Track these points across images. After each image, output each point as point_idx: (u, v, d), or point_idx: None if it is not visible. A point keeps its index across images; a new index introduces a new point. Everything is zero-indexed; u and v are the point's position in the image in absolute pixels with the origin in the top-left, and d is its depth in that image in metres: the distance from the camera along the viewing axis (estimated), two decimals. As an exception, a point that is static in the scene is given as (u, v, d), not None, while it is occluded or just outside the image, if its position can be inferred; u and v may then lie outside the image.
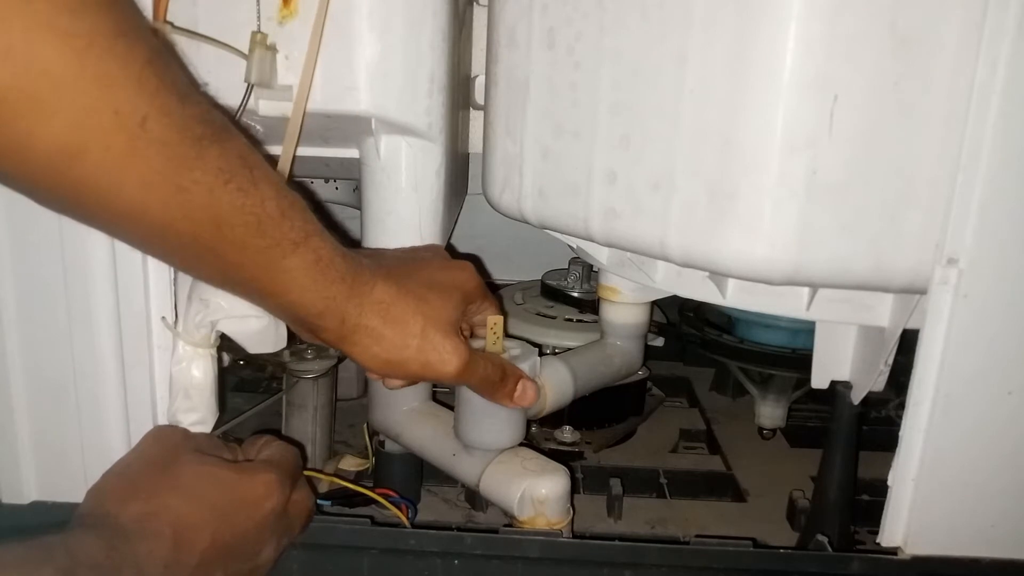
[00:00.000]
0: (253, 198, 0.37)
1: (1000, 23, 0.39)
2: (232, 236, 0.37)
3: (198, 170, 0.35)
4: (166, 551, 0.39)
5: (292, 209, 0.40)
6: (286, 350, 0.64)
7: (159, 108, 0.33)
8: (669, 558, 0.48)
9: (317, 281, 0.41)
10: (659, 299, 0.65)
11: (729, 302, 0.51)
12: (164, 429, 0.48)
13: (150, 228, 0.36)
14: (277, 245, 0.39)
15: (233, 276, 0.40)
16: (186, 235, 0.36)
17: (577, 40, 0.49)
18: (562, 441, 0.70)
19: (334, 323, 0.43)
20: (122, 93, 0.32)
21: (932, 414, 0.45)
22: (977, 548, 0.48)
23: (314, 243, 0.41)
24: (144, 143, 0.33)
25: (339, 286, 0.42)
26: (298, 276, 0.40)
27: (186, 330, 0.48)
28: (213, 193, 0.36)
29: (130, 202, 0.34)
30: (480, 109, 0.63)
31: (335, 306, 0.42)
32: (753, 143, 0.43)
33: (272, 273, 0.40)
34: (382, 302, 0.44)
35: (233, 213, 0.37)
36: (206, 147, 0.35)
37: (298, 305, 0.42)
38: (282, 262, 0.40)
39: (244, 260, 0.39)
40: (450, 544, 0.49)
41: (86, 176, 0.33)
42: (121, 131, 0.32)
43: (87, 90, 0.31)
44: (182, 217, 0.36)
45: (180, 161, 0.34)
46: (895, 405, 0.76)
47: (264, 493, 0.44)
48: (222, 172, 0.36)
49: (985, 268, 0.43)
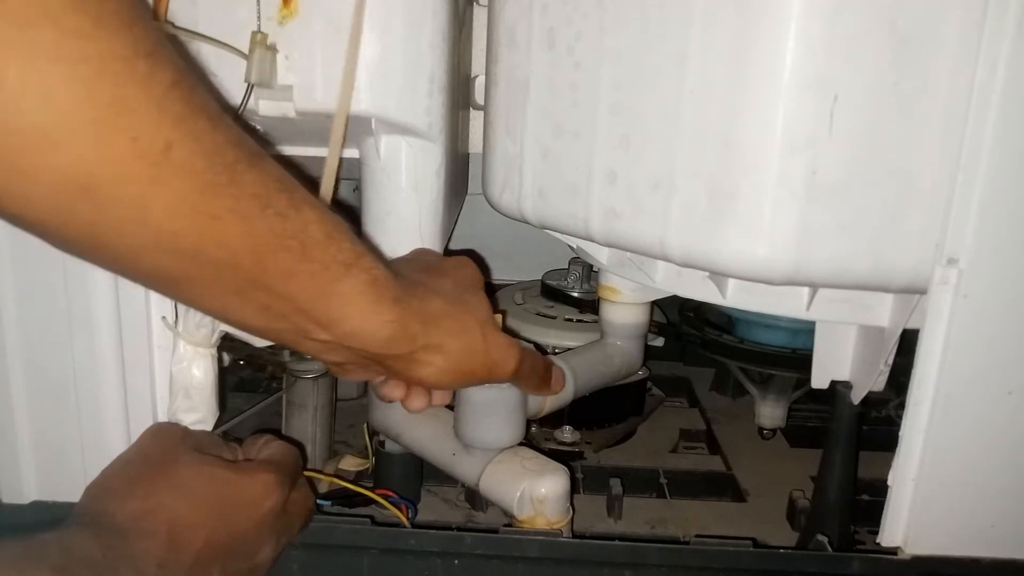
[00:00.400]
0: (295, 223, 0.34)
1: (1000, 23, 0.39)
2: (275, 265, 0.34)
3: (231, 197, 0.32)
4: (161, 550, 0.39)
5: (338, 231, 0.37)
6: (286, 350, 0.64)
7: (186, 133, 0.30)
8: (669, 558, 0.48)
9: (375, 304, 0.38)
10: (659, 299, 0.65)
11: (729, 302, 0.51)
12: (163, 426, 0.48)
13: (181, 263, 0.33)
14: (327, 269, 0.36)
15: (281, 312, 0.36)
16: (224, 266, 0.33)
17: (577, 40, 0.49)
18: (562, 441, 0.70)
19: (404, 347, 0.40)
20: (142, 119, 0.29)
21: (932, 414, 0.45)
22: (977, 548, 0.48)
23: (366, 263, 0.38)
24: (168, 171, 0.30)
25: (399, 308, 0.39)
26: (356, 300, 0.38)
27: (186, 330, 0.48)
28: (249, 220, 0.33)
29: (156, 234, 0.31)
30: (480, 109, 0.63)
31: (401, 329, 0.39)
32: (753, 143, 0.43)
33: (325, 300, 0.37)
34: (440, 316, 0.42)
35: (274, 240, 0.34)
36: (241, 173, 0.32)
37: (360, 335, 0.39)
38: (335, 286, 0.37)
39: (293, 289, 0.36)
40: (450, 544, 0.49)
41: (102, 210, 0.30)
42: (140, 159, 0.29)
43: (98, 119, 0.28)
44: (216, 246, 0.32)
45: (212, 189, 0.31)
46: (895, 405, 0.76)
47: (263, 492, 0.43)
48: (258, 198, 0.33)
49: (985, 268, 0.43)
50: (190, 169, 0.31)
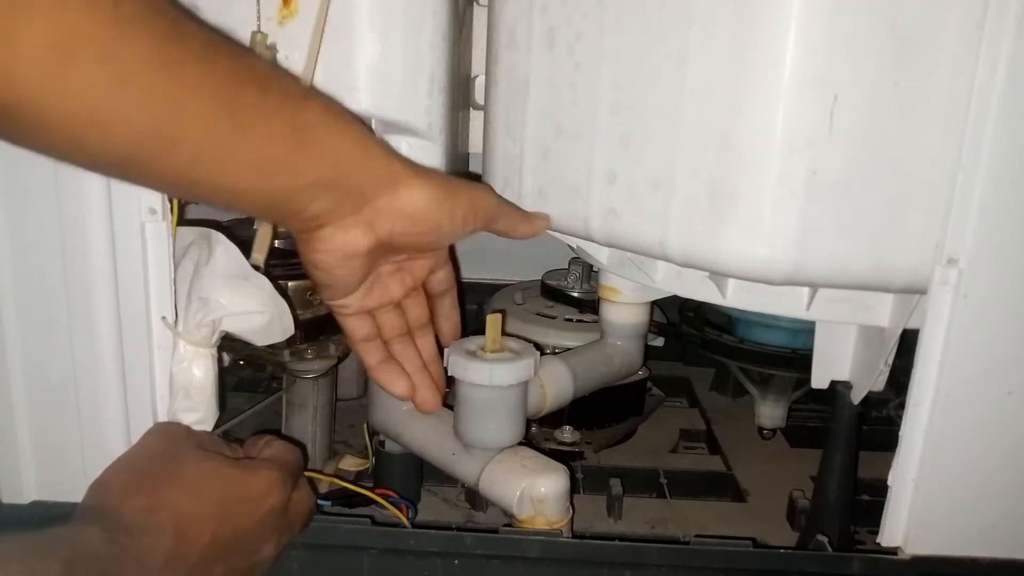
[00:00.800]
0: (245, 62, 0.37)
1: (1000, 23, 0.39)
2: (244, 102, 0.36)
3: (187, 44, 0.34)
4: (167, 545, 0.39)
5: (282, 69, 0.40)
6: (286, 350, 0.64)
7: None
8: (669, 558, 0.48)
9: (340, 127, 0.41)
10: (659, 299, 0.65)
11: (729, 302, 0.51)
12: (167, 425, 0.48)
13: (164, 120, 0.34)
14: (289, 98, 0.38)
15: (269, 161, 0.38)
16: (203, 115, 0.35)
17: (577, 40, 0.49)
18: (562, 441, 0.70)
19: (382, 164, 0.42)
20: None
21: (932, 414, 0.45)
22: (977, 548, 0.48)
23: (320, 96, 0.41)
24: (125, 24, 0.32)
25: (363, 127, 0.42)
26: (327, 126, 0.40)
27: (186, 330, 0.48)
28: (210, 62, 0.35)
29: (135, 90, 0.33)
30: (480, 109, 0.63)
31: (376, 146, 0.42)
32: (753, 143, 0.43)
33: (301, 133, 0.39)
34: (409, 159, 0.45)
35: (234, 79, 0.36)
36: (183, 22, 0.34)
37: (344, 156, 0.41)
38: (302, 116, 0.39)
39: (268, 130, 0.37)
40: (450, 544, 0.49)
41: (83, 74, 0.31)
42: (98, 17, 0.31)
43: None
44: (190, 93, 0.35)
45: (165, 39, 0.33)
46: (895, 405, 0.76)
47: (265, 490, 0.44)
48: (206, 44, 0.35)
49: (985, 268, 0.43)
50: (142, 19, 0.33)
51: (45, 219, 0.45)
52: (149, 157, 0.36)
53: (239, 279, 0.48)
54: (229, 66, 0.36)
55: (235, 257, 0.49)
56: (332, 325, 0.68)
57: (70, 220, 0.45)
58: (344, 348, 0.68)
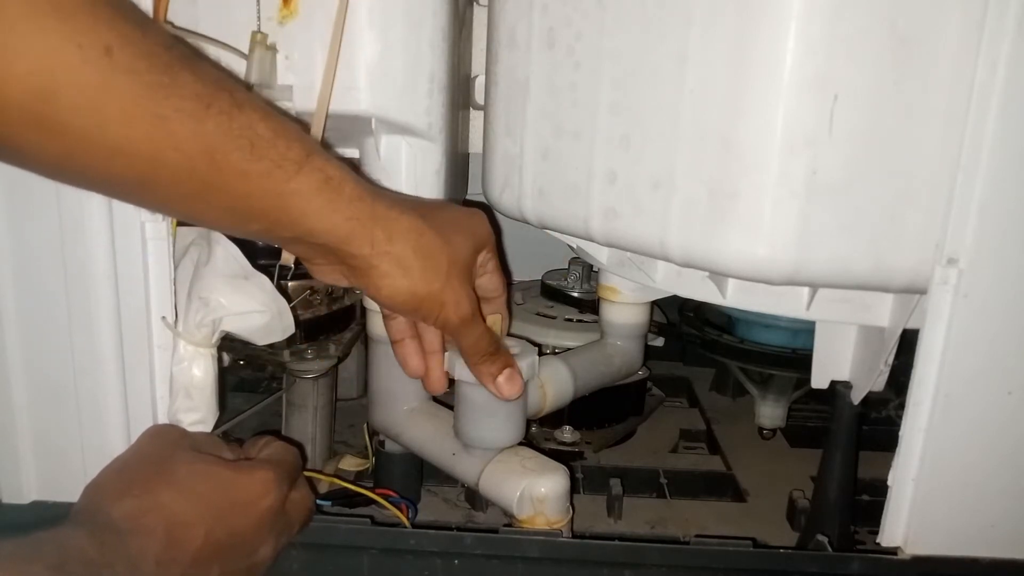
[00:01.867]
0: (239, 121, 0.36)
1: (1000, 23, 0.39)
2: (228, 164, 0.36)
3: (175, 97, 0.34)
4: (158, 548, 0.39)
5: (285, 129, 0.38)
6: (286, 350, 0.64)
7: (121, 36, 0.32)
8: (669, 558, 0.48)
9: (333, 202, 0.40)
10: (659, 299, 0.65)
11: (729, 302, 0.51)
12: (162, 427, 0.48)
13: (142, 167, 0.35)
14: (278, 167, 0.37)
15: (244, 212, 0.38)
16: (181, 169, 0.35)
17: (577, 40, 0.49)
18: (562, 441, 0.70)
19: (363, 247, 0.41)
20: (81, 24, 0.31)
21: (932, 414, 0.45)
22: (977, 548, 0.48)
23: (317, 162, 0.39)
24: (113, 74, 0.32)
25: (358, 206, 0.41)
26: (311, 199, 0.39)
27: (186, 330, 0.48)
28: (197, 120, 0.35)
29: (115, 139, 0.33)
30: (480, 109, 0.63)
31: (361, 229, 0.41)
32: (753, 143, 0.43)
33: (282, 200, 0.38)
34: (411, 231, 0.43)
35: (222, 138, 0.35)
36: (177, 73, 0.34)
37: (319, 232, 0.40)
38: (288, 185, 0.38)
39: (249, 189, 0.37)
40: (450, 544, 0.49)
41: (64, 118, 0.32)
42: (87, 64, 0.31)
43: (44, 27, 0.30)
44: (171, 148, 0.34)
45: (155, 89, 0.33)
46: (895, 405, 0.76)
47: (260, 491, 0.44)
48: (200, 97, 0.35)
49: (985, 268, 0.43)
50: (132, 70, 0.33)
51: (45, 219, 0.45)
52: (126, 193, 0.38)
53: (239, 279, 0.48)
54: (219, 124, 0.35)
55: (235, 257, 0.49)
56: (332, 325, 0.68)
57: (70, 220, 0.45)
58: (344, 348, 0.68)
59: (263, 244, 0.66)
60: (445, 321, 0.46)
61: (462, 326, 0.47)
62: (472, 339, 0.48)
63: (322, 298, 0.67)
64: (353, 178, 0.41)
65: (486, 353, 0.50)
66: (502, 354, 0.51)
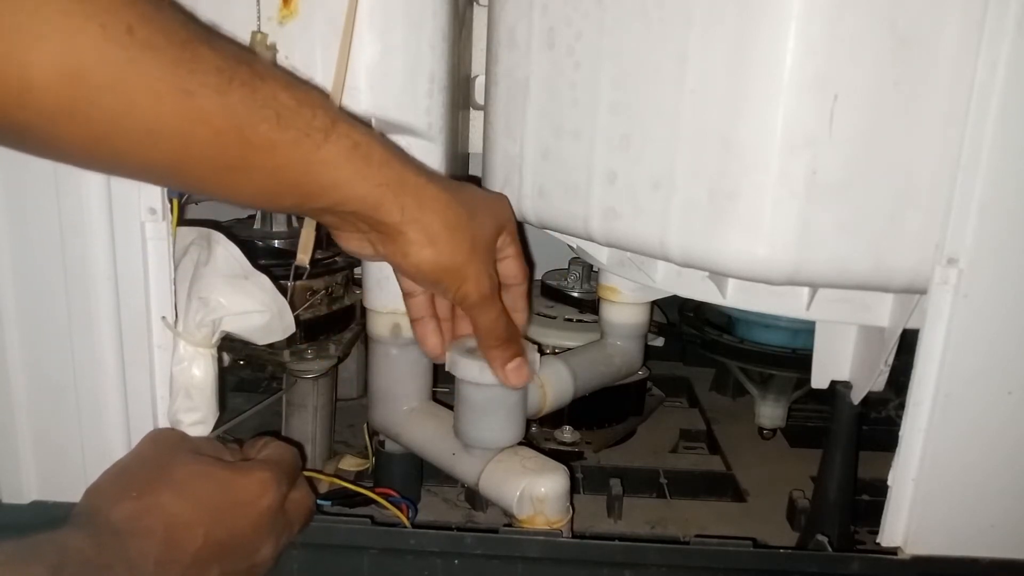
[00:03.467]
0: (263, 92, 0.36)
1: (1000, 23, 0.39)
2: (256, 136, 0.36)
3: (199, 72, 0.34)
4: (158, 549, 0.39)
5: (309, 97, 0.38)
6: (286, 350, 0.64)
7: (139, 15, 0.32)
8: (669, 558, 0.48)
9: (362, 169, 0.39)
10: (659, 299, 0.65)
11: (729, 302, 0.51)
12: (162, 431, 0.48)
13: (173, 145, 0.35)
14: (307, 136, 0.37)
15: (276, 186, 0.38)
16: (211, 145, 0.35)
17: (577, 40, 0.49)
18: (562, 441, 0.70)
19: (393, 214, 0.41)
20: (101, 4, 0.31)
21: (932, 414, 0.45)
22: (977, 548, 0.48)
23: (343, 128, 0.39)
24: (138, 52, 0.32)
25: (387, 172, 0.40)
26: (341, 167, 0.39)
27: (186, 330, 0.48)
28: (222, 93, 0.34)
29: (144, 118, 0.33)
30: (480, 109, 0.63)
31: (391, 195, 0.41)
32: (753, 143, 0.43)
33: (313, 169, 0.38)
34: (439, 200, 0.43)
35: (248, 111, 0.35)
36: (197, 48, 0.34)
37: (351, 200, 0.40)
38: (318, 153, 0.38)
39: (279, 161, 0.37)
40: (450, 544, 0.49)
41: (93, 99, 0.32)
42: (112, 43, 0.31)
43: (68, 8, 0.31)
44: (200, 123, 0.34)
45: (178, 65, 0.33)
46: (895, 405, 0.76)
47: (259, 491, 0.44)
48: (222, 71, 0.35)
49: (985, 268, 0.43)
50: (154, 47, 0.33)
51: (45, 219, 0.45)
52: (158, 175, 0.37)
53: (239, 279, 0.48)
54: (243, 96, 0.35)
55: (235, 257, 0.49)
56: (332, 325, 0.68)
57: (70, 220, 0.45)
58: (344, 348, 0.68)
59: (263, 244, 0.66)
60: (464, 296, 0.45)
61: (481, 303, 0.46)
62: (489, 319, 0.48)
63: (322, 298, 0.67)
64: (380, 142, 0.41)
65: (501, 337, 0.49)
66: (516, 342, 0.50)
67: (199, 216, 0.67)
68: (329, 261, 0.68)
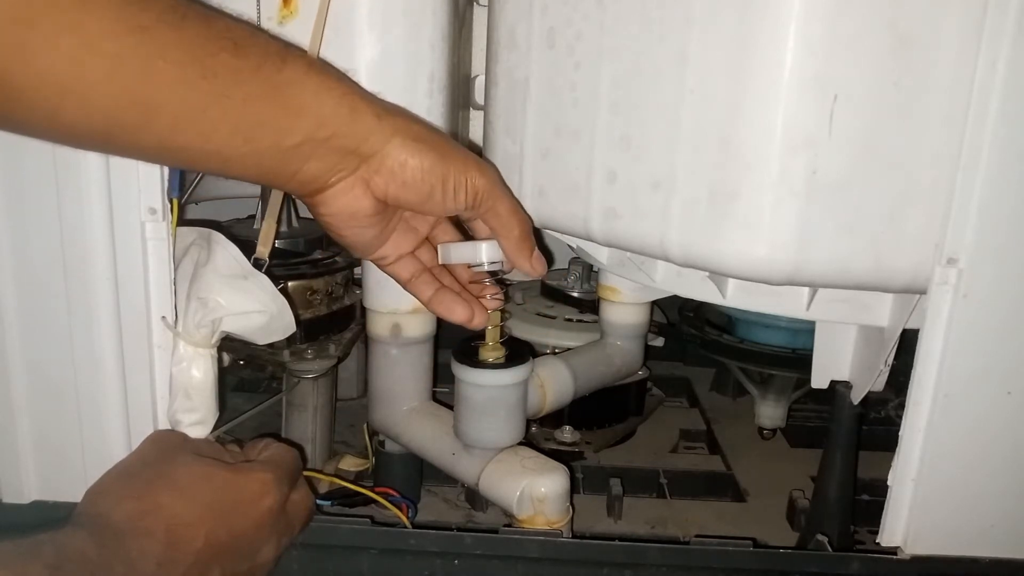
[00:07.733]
0: (218, 25, 0.36)
1: (1000, 23, 0.39)
2: (218, 64, 0.36)
3: (152, 9, 0.34)
4: (159, 549, 0.39)
5: (256, 29, 0.38)
6: (286, 350, 0.64)
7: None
8: (669, 558, 0.48)
9: (324, 82, 0.39)
10: (659, 299, 0.65)
11: (729, 302, 0.51)
12: (163, 433, 0.48)
13: (137, 85, 0.34)
14: (266, 59, 0.37)
15: (249, 123, 0.37)
16: (177, 82, 0.35)
17: (577, 40, 0.49)
18: (562, 441, 0.70)
19: (369, 119, 0.40)
20: None
21: (932, 414, 0.45)
22: (977, 548, 0.48)
23: (295, 51, 0.39)
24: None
25: (347, 82, 0.40)
26: (305, 84, 0.39)
27: (186, 330, 0.48)
28: (176, 27, 0.35)
29: (103, 59, 0.33)
30: (480, 109, 0.63)
31: (360, 102, 0.40)
32: (753, 143, 0.43)
33: (279, 92, 0.38)
34: (400, 113, 0.42)
35: (206, 40, 0.36)
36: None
37: (325, 121, 0.39)
38: (280, 75, 0.38)
39: (246, 91, 0.37)
40: (450, 544, 0.49)
41: (46, 44, 0.32)
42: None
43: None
44: (159, 57, 0.34)
45: (131, 3, 0.33)
46: (895, 405, 0.76)
47: (260, 492, 0.44)
48: (175, 9, 0.35)
49: (985, 268, 0.43)
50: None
51: (45, 219, 0.45)
52: (128, 126, 0.36)
53: (239, 279, 0.48)
54: (199, 29, 0.36)
55: (235, 257, 0.49)
56: (332, 325, 0.68)
57: (70, 220, 0.45)
58: (344, 348, 0.68)
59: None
60: (475, 185, 0.44)
61: (492, 188, 0.44)
62: (506, 206, 0.46)
63: (322, 298, 0.67)
64: (330, 65, 0.42)
65: (523, 223, 0.47)
66: (532, 234, 0.49)
67: (199, 216, 0.67)
68: (329, 261, 0.68)
